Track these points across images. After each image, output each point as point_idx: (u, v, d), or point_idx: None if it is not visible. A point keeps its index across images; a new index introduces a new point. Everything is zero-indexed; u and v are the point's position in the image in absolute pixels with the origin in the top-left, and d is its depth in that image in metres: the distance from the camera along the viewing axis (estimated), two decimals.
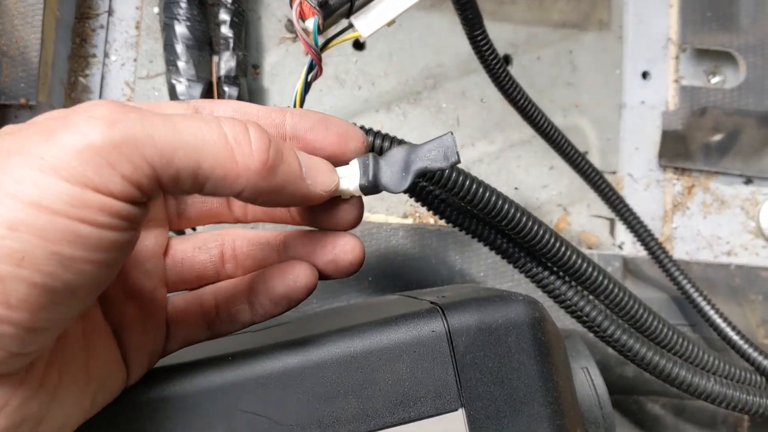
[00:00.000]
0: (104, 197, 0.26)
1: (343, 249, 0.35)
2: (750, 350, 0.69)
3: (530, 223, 0.49)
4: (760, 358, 0.68)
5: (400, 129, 0.85)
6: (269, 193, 0.30)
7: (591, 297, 0.53)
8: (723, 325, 0.71)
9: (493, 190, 0.48)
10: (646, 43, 0.89)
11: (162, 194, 0.29)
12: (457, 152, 0.34)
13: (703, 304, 0.73)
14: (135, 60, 0.80)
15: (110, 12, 0.80)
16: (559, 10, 0.88)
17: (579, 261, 0.51)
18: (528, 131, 0.85)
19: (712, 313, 0.72)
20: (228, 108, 0.34)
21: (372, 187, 0.35)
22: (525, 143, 0.86)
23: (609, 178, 0.87)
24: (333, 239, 0.36)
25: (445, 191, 0.47)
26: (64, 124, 0.26)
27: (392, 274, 0.74)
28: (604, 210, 0.86)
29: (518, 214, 0.48)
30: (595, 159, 0.87)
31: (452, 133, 0.35)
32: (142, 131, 0.26)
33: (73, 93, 0.77)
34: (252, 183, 0.29)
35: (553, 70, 0.88)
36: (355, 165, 0.35)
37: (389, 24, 0.43)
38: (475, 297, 0.38)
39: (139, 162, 0.26)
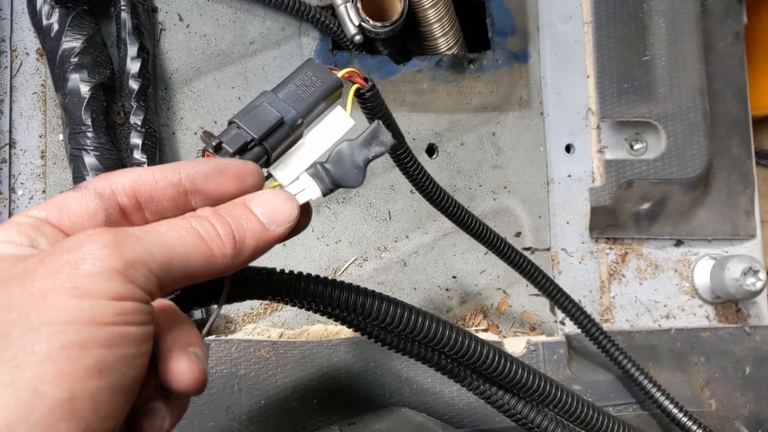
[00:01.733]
0: (131, 303, 0.31)
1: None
2: (689, 423, 0.70)
3: (461, 339, 0.48)
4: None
5: (332, 229, 0.83)
6: (246, 262, 0.36)
7: (539, 406, 0.53)
8: (662, 398, 0.72)
9: (419, 312, 0.47)
10: (567, 116, 0.90)
11: None
12: (389, 133, 0.41)
13: (642, 379, 0.74)
14: (44, 192, 0.76)
15: (11, 144, 0.75)
16: (479, 94, 0.88)
17: (522, 373, 0.50)
18: None
19: (651, 387, 0.73)
20: (126, 178, 0.37)
21: (332, 190, 0.41)
22: (458, 231, 0.85)
23: (543, 255, 0.87)
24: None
25: (371, 321, 0.46)
26: (81, 256, 0.30)
27: (338, 393, 0.72)
28: None
29: (446, 333, 0.47)
30: (528, 238, 0.87)
31: (378, 121, 0.42)
32: (143, 251, 0.32)
33: None
34: (230, 265, 0.35)
35: (478, 154, 0.87)
36: (307, 178, 0.41)
37: None
38: None
39: (148, 274, 0.32)
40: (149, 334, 0.32)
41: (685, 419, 0.70)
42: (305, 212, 0.41)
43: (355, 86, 0.47)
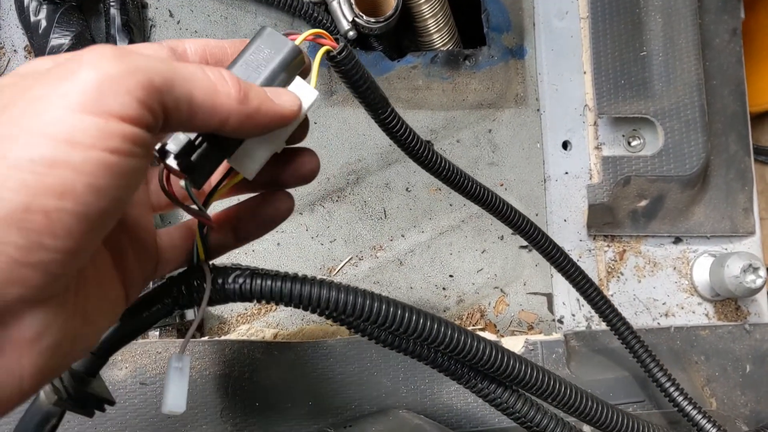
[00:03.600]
0: (126, 125, 0.29)
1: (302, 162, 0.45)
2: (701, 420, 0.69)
3: (457, 335, 0.47)
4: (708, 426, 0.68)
5: (327, 228, 0.82)
6: (249, 117, 0.36)
7: (539, 403, 0.52)
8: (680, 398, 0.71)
9: (412, 311, 0.45)
10: (563, 113, 0.89)
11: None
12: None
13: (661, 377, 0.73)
14: None
15: None
16: (474, 90, 0.87)
17: (520, 366, 0.49)
18: (457, 216, 0.84)
19: (669, 385, 0.72)
20: (197, 43, 0.40)
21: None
22: (455, 229, 0.84)
23: None
24: (293, 157, 0.44)
25: (361, 321, 0.44)
26: (79, 63, 0.29)
27: (333, 394, 0.71)
28: (540, 286, 0.85)
29: (439, 329, 0.46)
30: None
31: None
32: (146, 64, 0.30)
33: None
34: (234, 110, 0.35)
35: (474, 152, 0.86)
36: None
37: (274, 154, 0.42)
38: None
39: (150, 88, 0.30)
40: (136, 169, 0.30)
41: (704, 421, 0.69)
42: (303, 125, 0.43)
43: (324, 49, 0.43)
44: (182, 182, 0.37)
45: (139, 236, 0.41)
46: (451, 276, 0.84)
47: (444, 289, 0.83)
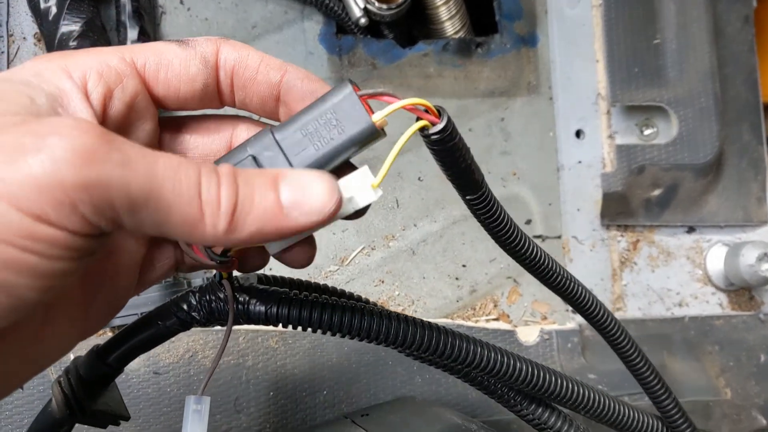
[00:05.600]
0: (58, 231, 0.25)
1: None
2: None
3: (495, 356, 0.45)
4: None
5: None
6: (241, 242, 0.30)
7: (568, 414, 0.51)
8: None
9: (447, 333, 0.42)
10: (576, 101, 0.88)
11: None
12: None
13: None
14: None
15: None
16: (486, 79, 0.86)
17: (558, 381, 0.48)
18: None
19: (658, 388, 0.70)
20: (232, 55, 0.34)
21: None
22: (468, 218, 0.84)
23: (554, 243, 0.86)
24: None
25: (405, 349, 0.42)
26: (37, 148, 0.24)
27: (348, 383, 0.70)
28: None
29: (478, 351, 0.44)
30: (539, 225, 0.85)
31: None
32: (119, 178, 0.25)
33: None
34: (219, 239, 0.28)
35: (486, 140, 0.85)
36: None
37: None
38: None
39: (104, 208, 0.25)
40: (64, 271, 0.26)
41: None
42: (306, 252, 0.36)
43: (420, 124, 0.33)
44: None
45: (94, 309, 0.35)
46: (463, 266, 0.83)
47: (457, 278, 0.83)
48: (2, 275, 0.24)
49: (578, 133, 0.88)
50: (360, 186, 0.32)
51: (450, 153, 0.35)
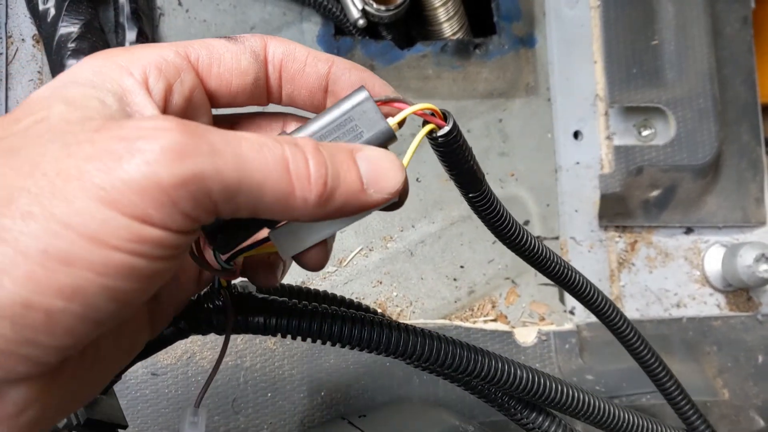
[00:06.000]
0: (162, 231, 0.25)
1: None
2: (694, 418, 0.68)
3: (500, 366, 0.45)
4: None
5: None
6: (327, 216, 0.30)
7: (568, 423, 0.51)
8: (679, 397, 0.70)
9: (441, 340, 0.42)
10: (574, 102, 0.88)
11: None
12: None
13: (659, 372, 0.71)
14: None
15: None
16: (485, 80, 0.86)
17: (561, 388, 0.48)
18: (467, 207, 0.83)
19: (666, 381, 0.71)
20: (280, 48, 0.34)
21: None
22: (466, 219, 0.84)
23: (552, 244, 0.86)
24: None
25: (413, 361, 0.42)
26: (130, 152, 0.24)
27: (346, 384, 0.71)
28: None
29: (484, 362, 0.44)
30: (537, 226, 0.86)
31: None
32: (211, 167, 0.25)
33: None
34: (308, 213, 0.29)
35: (485, 142, 0.85)
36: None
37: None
38: None
39: (203, 200, 0.26)
40: (163, 271, 0.26)
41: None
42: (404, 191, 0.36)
43: (428, 128, 0.35)
44: (208, 251, 0.34)
45: (185, 267, 0.36)
46: (461, 267, 0.83)
47: (455, 279, 0.83)
48: (113, 282, 0.24)
49: (576, 134, 0.88)
50: None
51: (455, 154, 0.37)
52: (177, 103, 0.32)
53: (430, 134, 0.35)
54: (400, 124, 0.34)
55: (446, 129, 0.35)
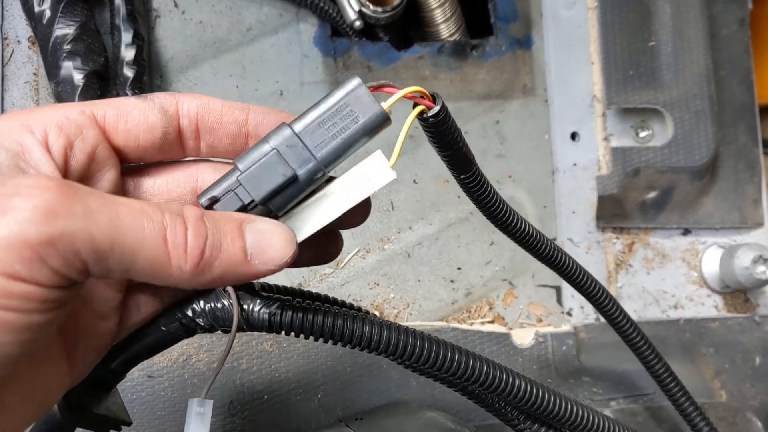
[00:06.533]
0: (32, 287, 0.26)
1: None
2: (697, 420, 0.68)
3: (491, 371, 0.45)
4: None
5: None
6: (208, 284, 0.31)
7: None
8: (679, 395, 0.70)
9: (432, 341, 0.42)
10: (571, 104, 0.88)
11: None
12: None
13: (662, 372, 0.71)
14: None
15: None
16: (482, 81, 0.86)
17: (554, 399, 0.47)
18: (465, 208, 0.83)
19: (669, 381, 0.71)
20: (193, 103, 0.35)
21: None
22: (463, 221, 0.84)
23: None
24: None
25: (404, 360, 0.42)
26: (4, 209, 0.25)
27: (342, 387, 0.70)
28: (549, 278, 0.85)
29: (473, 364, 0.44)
30: None
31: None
32: (83, 229, 0.26)
33: None
34: (185, 280, 0.30)
35: (482, 143, 0.85)
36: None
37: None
38: None
39: (72, 259, 0.26)
40: (44, 323, 0.27)
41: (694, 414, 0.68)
42: (336, 239, 0.39)
43: (419, 109, 0.37)
44: None
45: (103, 309, 0.36)
46: (459, 268, 0.83)
47: (452, 281, 0.83)
48: None
49: (573, 136, 0.88)
50: (376, 169, 0.35)
51: (445, 135, 0.39)
52: (78, 159, 0.33)
53: (420, 116, 0.37)
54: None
55: (436, 109, 0.36)
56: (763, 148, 0.93)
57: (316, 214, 0.35)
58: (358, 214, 0.38)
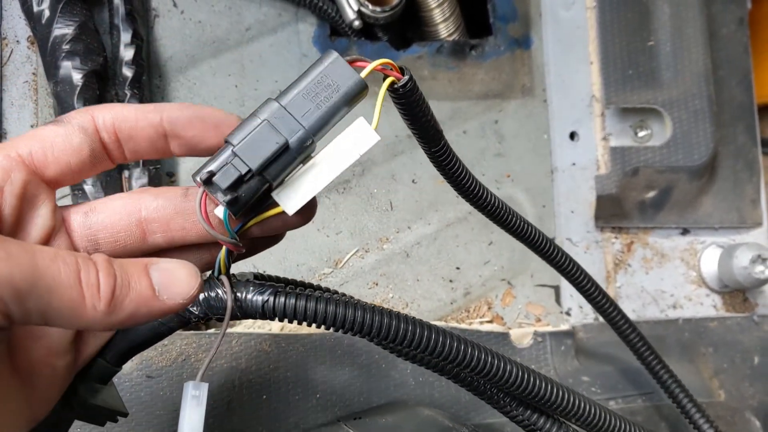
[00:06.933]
0: None
1: None
2: (697, 417, 0.68)
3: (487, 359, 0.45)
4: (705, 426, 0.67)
5: (332, 220, 0.81)
6: (122, 322, 0.32)
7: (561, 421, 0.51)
8: (677, 391, 0.70)
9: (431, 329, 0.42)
10: (570, 103, 0.88)
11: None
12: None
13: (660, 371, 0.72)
14: None
15: (2, 134, 0.73)
16: (481, 81, 0.86)
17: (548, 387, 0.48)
18: (463, 208, 0.83)
19: (668, 379, 0.71)
20: (108, 114, 0.36)
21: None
22: (461, 221, 0.84)
23: None
24: None
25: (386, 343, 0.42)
26: None
27: (341, 386, 0.70)
28: (547, 278, 0.85)
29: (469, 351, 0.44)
30: None
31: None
32: (4, 270, 0.27)
33: None
34: (99, 319, 0.31)
35: (481, 143, 0.85)
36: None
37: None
38: None
39: None
40: None
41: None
42: (308, 209, 0.38)
43: (389, 81, 0.39)
44: (218, 212, 0.37)
45: (56, 345, 0.37)
46: (457, 268, 0.83)
47: (451, 281, 0.83)
48: None
49: (572, 135, 0.88)
50: (360, 133, 0.37)
51: (413, 106, 0.41)
52: (10, 202, 0.34)
53: (391, 88, 0.39)
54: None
55: (404, 80, 0.39)
56: (761, 147, 0.93)
57: (309, 182, 0.37)
58: (302, 213, 0.38)
